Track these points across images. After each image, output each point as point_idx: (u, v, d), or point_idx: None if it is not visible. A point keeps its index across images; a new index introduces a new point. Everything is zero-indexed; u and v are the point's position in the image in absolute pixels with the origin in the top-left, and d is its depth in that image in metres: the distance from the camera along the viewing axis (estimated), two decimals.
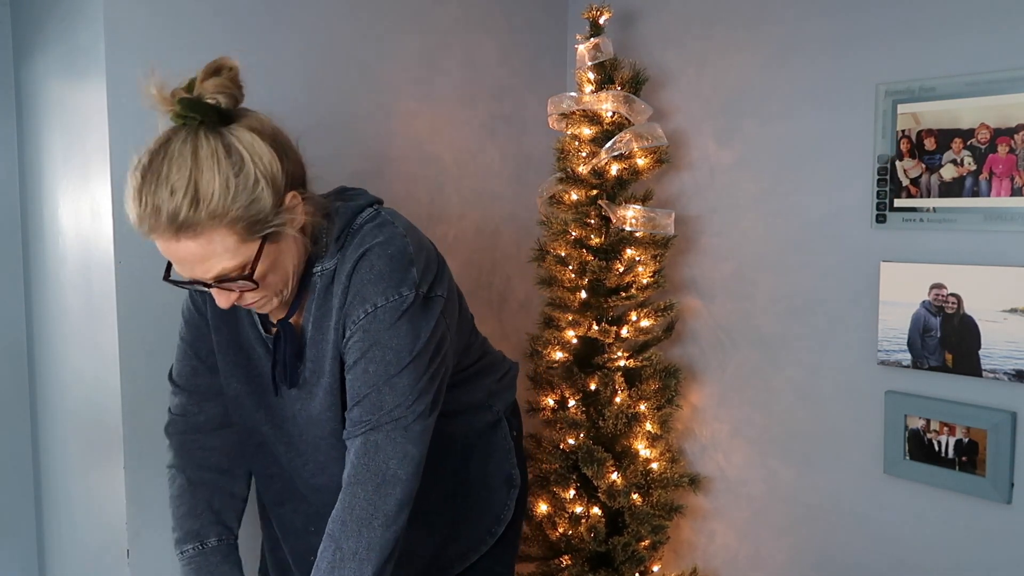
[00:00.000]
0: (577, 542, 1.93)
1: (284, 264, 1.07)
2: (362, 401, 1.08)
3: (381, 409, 1.07)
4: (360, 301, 1.09)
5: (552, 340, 1.96)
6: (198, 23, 1.63)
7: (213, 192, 0.96)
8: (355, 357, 1.09)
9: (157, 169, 0.97)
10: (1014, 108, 1.56)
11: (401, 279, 1.09)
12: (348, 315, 1.09)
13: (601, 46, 1.91)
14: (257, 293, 1.07)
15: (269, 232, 1.02)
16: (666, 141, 1.91)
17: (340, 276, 1.11)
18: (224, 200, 0.96)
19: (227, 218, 0.97)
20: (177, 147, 0.98)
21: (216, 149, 0.97)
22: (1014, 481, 1.61)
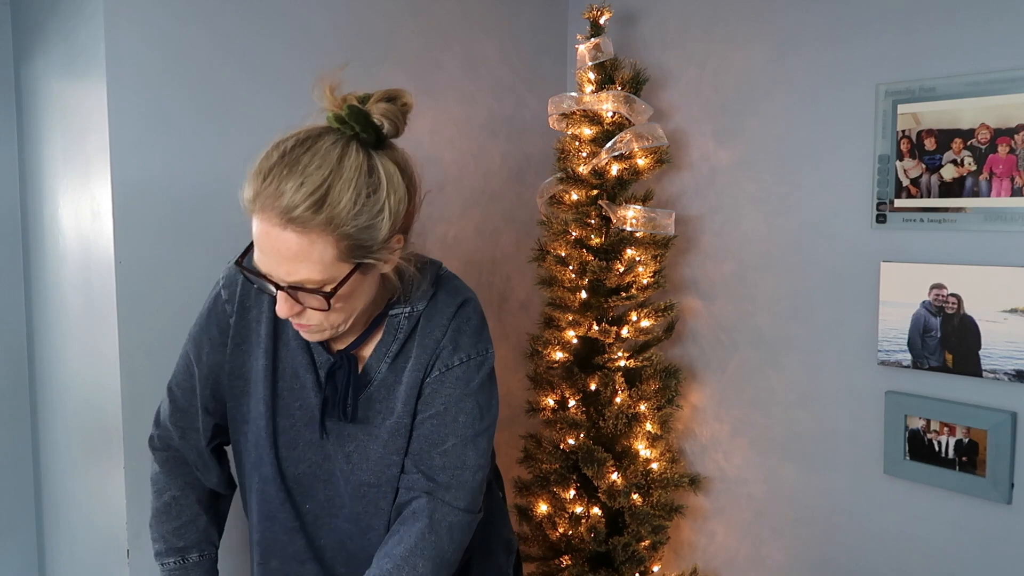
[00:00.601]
0: (577, 542, 1.93)
1: (357, 300, 1.04)
2: (447, 450, 1.10)
3: (463, 468, 1.10)
4: (455, 349, 1.11)
5: (552, 340, 1.96)
6: (198, 23, 1.63)
7: (341, 201, 0.94)
8: (444, 403, 1.10)
9: (298, 157, 0.95)
10: (1014, 108, 1.56)
11: (488, 338, 1.16)
12: (438, 359, 1.10)
13: (601, 46, 1.91)
14: (320, 316, 1.02)
15: (365, 262, 1.00)
16: (666, 141, 1.91)
17: (436, 319, 1.12)
18: (347, 213, 0.94)
19: (339, 231, 0.95)
20: (326, 146, 0.96)
21: (361, 164, 0.97)
22: (1014, 481, 1.61)
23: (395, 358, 1.12)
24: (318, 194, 0.93)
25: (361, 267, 1.00)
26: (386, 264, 1.03)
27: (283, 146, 0.97)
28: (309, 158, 0.95)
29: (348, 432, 1.13)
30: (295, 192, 0.92)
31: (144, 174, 1.59)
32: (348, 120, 0.98)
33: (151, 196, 1.60)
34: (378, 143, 1.01)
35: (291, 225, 0.93)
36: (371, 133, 0.99)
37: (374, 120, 0.99)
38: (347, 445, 1.13)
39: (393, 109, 1.01)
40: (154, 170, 1.60)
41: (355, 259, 0.98)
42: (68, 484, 1.96)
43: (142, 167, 1.58)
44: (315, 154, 0.95)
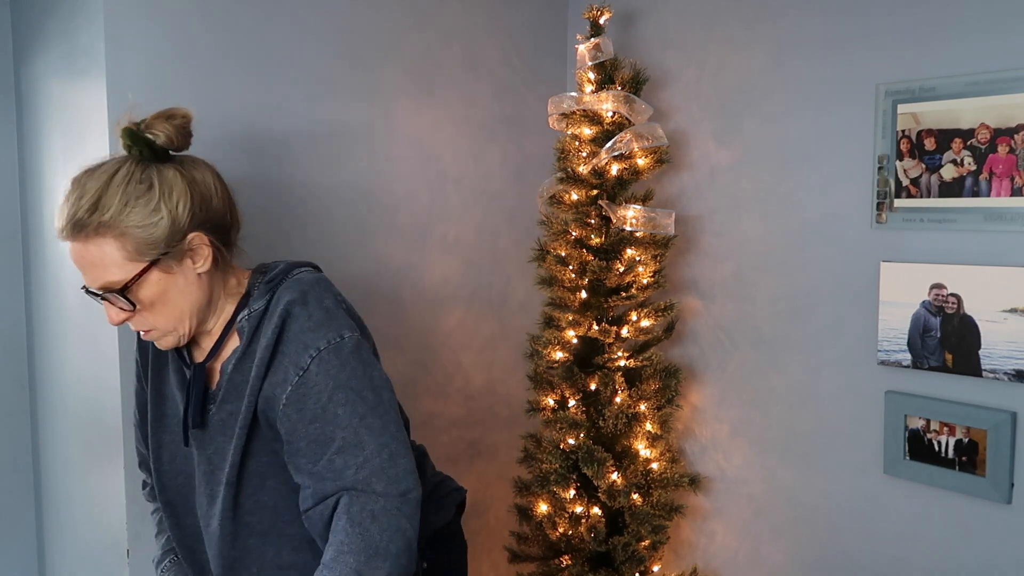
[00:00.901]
0: (577, 542, 1.94)
1: (177, 300, 1.14)
2: (341, 447, 1.09)
3: (363, 455, 1.10)
4: (303, 347, 1.11)
5: (552, 340, 1.96)
6: (198, 23, 1.63)
7: (112, 206, 1.08)
8: (316, 404, 1.10)
9: (83, 181, 1.11)
10: (1014, 108, 1.56)
11: (341, 324, 1.15)
12: (286, 364, 1.11)
13: (601, 46, 1.91)
14: (146, 319, 1.15)
15: (158, 258, 1.11)
16: (666, 141, 1.91)
17: (272, 318, 1.15)
18: (119, 215, 1.08)
19: (117, 230, 1.08)
20: (106, 167, 1.12)
21: (133, 174, 1.10)
22: (1014, 481, 1.61)
23: (239, 359, 1.18)
24: (91, 202, 1.07)
25: (158, 264, 1.11)
26: (194, 263, 1.14)
27: (75, 175, 1.13)
28: (87, 178, 1.11)
29: (208, 436, 1.21)
30: (74, 204, 1.08)
31: None
32: (125, 142, 1.12)
33: None
34: (158, 156, 1.14)
35: (79, 234, 1.08)
36: (145, 149, 1.12)
37: (146, 136, 1.12)
38: (208, 448, 1.21)
39: (167, 125, 1.13)
40: None
41: (145, 257, 1.10)
42: (68, 484, 1.96)
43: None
44: (94, 174, 1.11)
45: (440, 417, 2.14)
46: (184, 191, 1.12)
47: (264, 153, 1.75)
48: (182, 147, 1.17)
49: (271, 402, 1.13)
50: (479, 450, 2.25)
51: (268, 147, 1.76)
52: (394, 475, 1.10)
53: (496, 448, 2.28)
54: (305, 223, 1.82)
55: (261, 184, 1.75)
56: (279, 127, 1.77)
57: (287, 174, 1.79)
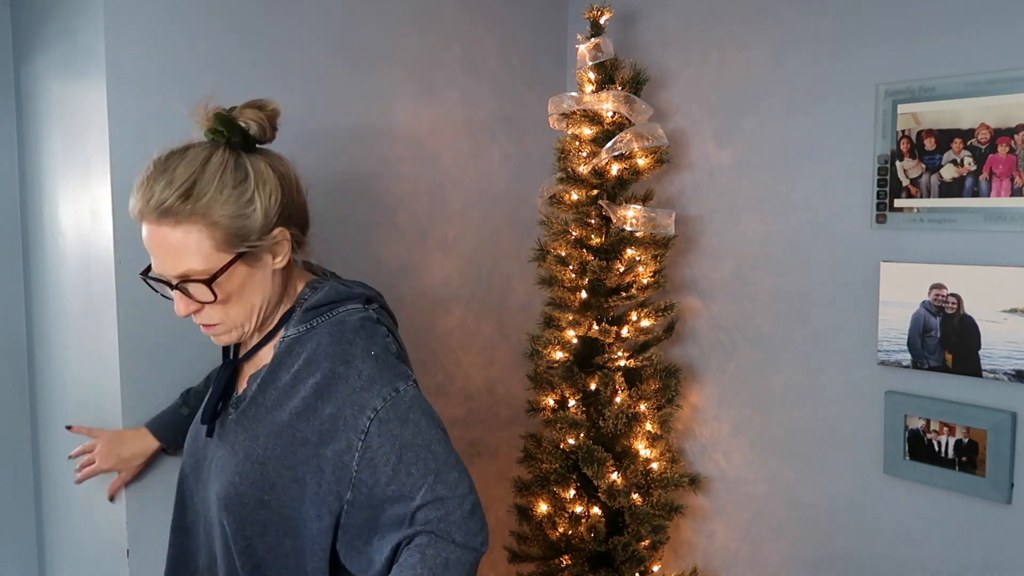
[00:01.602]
0: (577, 542, 1.94)
1: (251, 295, 1.10)
2: (425, 505, 1.06)
3: (444, 508, 1.06)
4: (358, 411, 1.06)
5: (552, 340, 1.96)
6: (198, 23, 1.63)
7: (207, 193, 1.03)
8: (387, 467, 1.06)
9: (169, 164, 1.05)
10: (1014, 108, 1.56)
11: (394, 374, 1.10)
12: (346, 431, 1.06)
13: (602, 46, 1.90)
14: (216, 312, 1.09)
15: (245, 251, 1.06)
16: (667, 141, 1.91)
17: (310, 357, 1.11)
18: (214, 203, 1.03)
19: (210, 219, 1.03)
20: (194, 151, 1.06)
21: (227, 162, 1.06)
22: (1014, 481, 1.61)
23: (263, 380, 1.14)
24: (184, 187, 1.02)
25: (244, 257, 1.07)
26: (274, 258, 1.11)
27: (159, 157, 1.07)
28: (177, 162, 1.05)
29: (216, 443, 1.16)
30: (164, 189, 1.02)
31: None
32: (215, 127, 1.07)
33: None
34: (247, 145, 1.10)
35: (165, 219, 1.02)
36: (238, 135, 1.08)
37: (239, 123, 1.08)
38: (216, 452, 1.16)
39: (259, 114, 1.10)
40: None
41: (234, 248, 1.05)
42: (68, 484, 1.96)
43: (142, 167, 1.58)
44: (183, 159, 1.05)
45: (440, 417, 2.14)
46: (276, 184, 1.09)
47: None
48: (269, 139, 1.14)
49: (341, 471, 1.07)
50: (479, 450, 2.25)
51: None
52: (473, 528, 1.09)
53: (496, 448, 2.28)
54: None
55: None
56: (280, 127, 1.77)
57: None
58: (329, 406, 1.08)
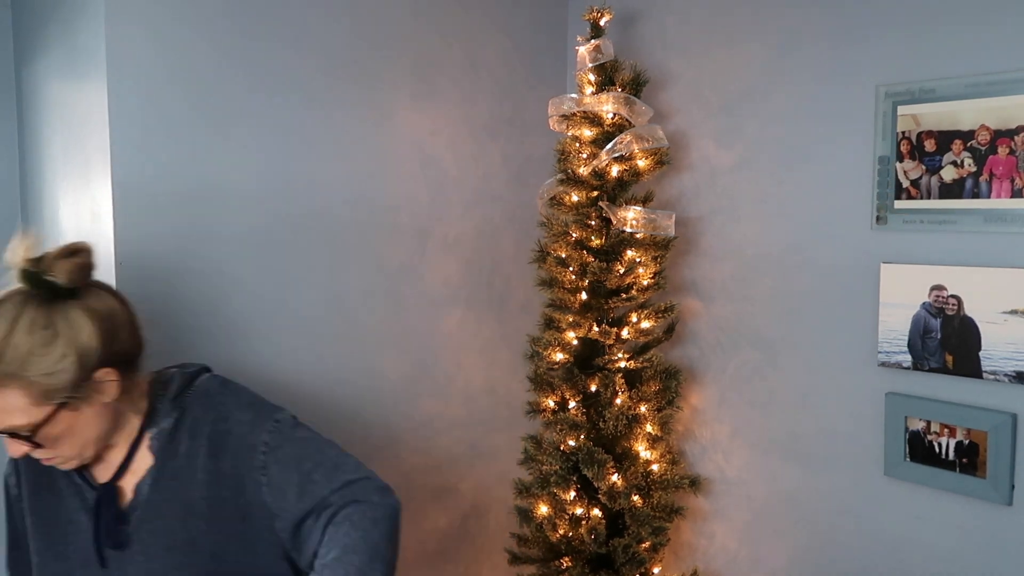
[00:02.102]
0: (577, 544, 1.93)
1: (82, 431, 1.12)
2: (328, 470, 1.17)
3: (348, 471, 1.18)
4: (249, 450, 1.17)
5: (552, 341, 1.96)
6: (199, 24, 1.64)
7: (16, 356, 1.03)
8: (295, 490, 1.15)
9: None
10: (1014, 110, 1.56)
11: (270, 410, 1.23)
12: (242, 468, 1.17)
13: (602, 48, 1.91)
14: (48, 452, 1.11)
15: (64, 401, 1.07)
16: (667, 143, 1.91)
17: (190, 432, 1.18)
18: (23, 365, 1.03)
19: (21, 380, 1.03)
20: (7, 308, 1.05)
21: (35, 319, 1.05)
22: (1015, 483, 1.61)
23: (156, 479, 1.18)
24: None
25: (66, 406, 1.07)
26: (101, 396, 1.11)
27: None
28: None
29: (127, 556, 1.18)
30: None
31: (144, 175, 1.59)
32: (23, 280, 1.07)
33: (151, 197, 1.60)
34: (60, 295, 1.08)
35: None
36: (46, 290, 1.07)
37: (47, 278, 1.07)
38: (128, 568, 1.18)
39: (69, 264, 1.08)
40: (154, 171, 1.60)
41: (51, 401, 1.06)
42: None
43: (142, 168, 1.58)
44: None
45: (440, 418, 2.14)
46: (92, 331, 1.08)
47: (266, 153, 1.75)
48: (84, 282, 1.11)
49: (262, 509, 1.16)
50: (479, 451, 2.24)
51: (268, 147, 1.76)
52: (387, 490, 1.18)
53: (496, 449, 2.28)
54: (305, 223, 1.82)
55: (261, 183, 1.75)
56: (281, 127, 1.77)
57: (288, 174, 1.79)
58: (226, 462, 1.17)
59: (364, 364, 1.95)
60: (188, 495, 1.17)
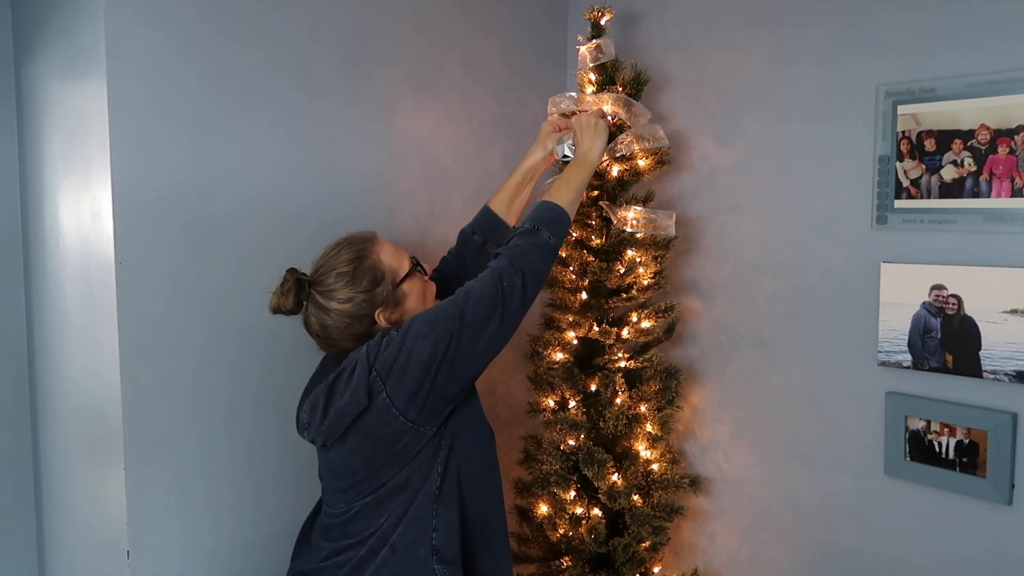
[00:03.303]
0: (577, 543, 1.93)
1: None
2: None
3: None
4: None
5: (552, 341, 1.96)
6: (198, 24, 1.64)
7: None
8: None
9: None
10: (1014, 109, 1.56)
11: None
12: None
13: (603, 47, 1.90)
14: None
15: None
16: (668, 143, 1.90)
17: None
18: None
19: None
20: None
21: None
22: (1015, 482, 1.61)
23: None
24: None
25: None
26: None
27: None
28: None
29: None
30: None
31: (144, 175, 1.59)
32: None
33: (151, 197, 1.60)
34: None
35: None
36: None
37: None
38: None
39: None
40: (154, 171, 1.60)
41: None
42: (68, 485, 1.96)
43: (142, 168, 1.58)
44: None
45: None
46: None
47: (265, 153, 1.75)
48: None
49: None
50: None
51: (269, 147, 1.76)
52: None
53: (496, 449, 2.28)
54: (305, 222, 1.82)
55: (261, 183, 1.75)
56: (281, 127, 1.77)
57: (288, 174, 1.79)
58: None
59: None
60: None
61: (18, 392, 2.18)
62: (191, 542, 1.69)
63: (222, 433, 1.71)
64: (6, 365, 2.16)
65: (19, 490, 2.19)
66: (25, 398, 2.19)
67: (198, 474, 1.68)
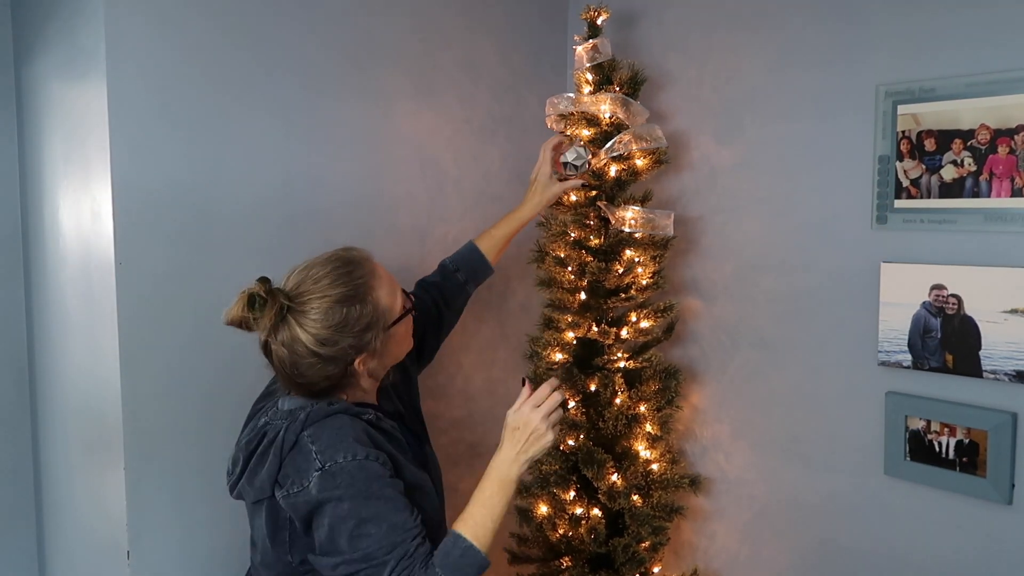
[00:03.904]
0: (577, 543, 1.93)
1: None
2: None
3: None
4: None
5: (551, 341, 1.96)
6: (198, 24, 1.64)
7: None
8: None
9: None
10: (1014, 109, 1.56)
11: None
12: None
13: (599, 47, 1.90)
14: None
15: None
16: (665, 143, 1.90)
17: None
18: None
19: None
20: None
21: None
22: (1015, 482, 1.60)
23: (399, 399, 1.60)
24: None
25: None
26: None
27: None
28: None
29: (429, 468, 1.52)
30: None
31: (144, 175, 1.59)
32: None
33: (151, 197, 1.60)
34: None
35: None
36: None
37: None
38: (432, 474, 1.53)
39: None
40: (154, 171, 1.60)
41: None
42: (68, 485, 1.96)
43: (142, 168, 1.58)
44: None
45: (441, 418, 2.14)
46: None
47: (265, 153, 1.75)
48: None
49: None
50: (480, 452, 2.24)
51: (269, 147, 1.76)
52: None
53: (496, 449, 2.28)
54: (305, 223, 1.82)
55: (260, 183, 1.75)
56: (280, 128, 1.77)
57: (288, 174, 1.79)
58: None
59: None
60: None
61: (18, 392, 2.18)
62: (191, 542, 1.69)
63: (221, 433, 1.71)
64: (6, 365, 2.16)
65: (19, 490, 2.19)
66: (25, 399, 2.20)
67: (198, 474, 1.68)
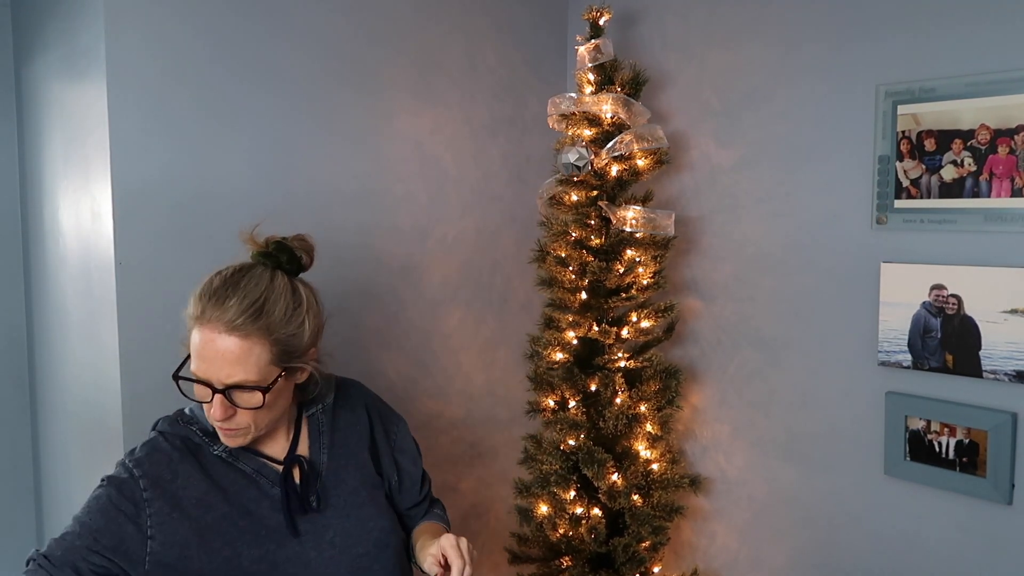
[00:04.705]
0: (577, 543, 1.93)
1: (280, 402, 1.21)
2: (425, 482, 1.44)
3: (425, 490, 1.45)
4: (395, 421, 1.42)
5: (552, 341, 1.96)
6: (199, 24, 1.64)
7: (275, 312, 1.14)
8: (412, 457, 1.42)
9: (237, 279, 1.15)
10: (1014, 109, 1.56)
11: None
12: (389, 433, 1.39)
13: (601, 47, 1.90)
14: (249, 417, 1.17)
15: (290, 367, 1.18)
16: (667, 143, 1.91)
17: (349, 405, 1.36)
18: (279, 322, 1.14)
19: (273, 336, 1.14)
20: (259, 272, 1.17)
21: (287, 285, 1.18)
22: (1015, 482, 1.61)
23: (331, 447, 1.30)
24: (256, 305, 1.13)
25: (287, 372, 1.17)
26: (303, 373, 1.23)
27: (223, 273, 1.17)
28: (246, 280, 1.15)
29: (322, 523, 1.23)
30: (237, 305, 1.12)
31: (144, 175, 1.59)
32: (274, 253, 1.19)
33: (151, 197, 1.60)
34: (297, 271, 1.23)
35: (234, 332, 1.11)
36: (293, 263, 1.21)
37: (297, 255, 1.22)
38: (327, 534, 1.24)
39: (306, 244, 1.24)
40: (154, 171, 1.60)
41: (284, 364, 1.16)
42: (68, 484, 1.96)
43: (142, 168, 1.58)
44: (251, 278, 1.16)
45: (440, 418, 2.14)
46: (317, 309, 1.21)
47: (265, 154, 1.75)
48: (310, 268, 1.26)
49: (392, 466, 1.37)
50: (479, 451, 2.24)
51: (269, 147, 1.76)
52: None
53: (496, 449, 2.28)
54: (304, 222, 1.82)
55: (260, 183, 1.75)
56: (279, 128, 1.77)
57: (288, 174, 1.79)
58: (379, 429, 1.38)
59: (364, 364, 1.95)
60: (358, 457, 1.31)
61: (18, 392, 2.18)
62: None
63: None
64: (6, 365, 2.16)
65: (19, 490, 2.19)
66: (25, 398, 2.20)
67: None
